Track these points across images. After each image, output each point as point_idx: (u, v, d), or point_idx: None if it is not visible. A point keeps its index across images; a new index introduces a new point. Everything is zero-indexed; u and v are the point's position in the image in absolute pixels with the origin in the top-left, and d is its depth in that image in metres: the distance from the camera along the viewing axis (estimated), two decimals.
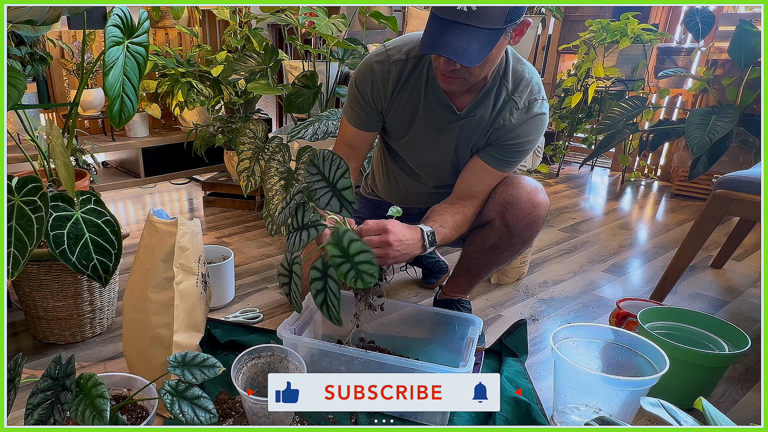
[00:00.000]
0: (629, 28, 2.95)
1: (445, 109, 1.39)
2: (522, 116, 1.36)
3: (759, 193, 1.52)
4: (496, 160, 1.40)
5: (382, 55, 1.40)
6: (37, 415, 0.98)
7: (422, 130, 1.44)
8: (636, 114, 2.85)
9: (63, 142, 1.32)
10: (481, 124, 1.39)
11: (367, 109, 1.44)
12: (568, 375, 1.18)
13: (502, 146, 1.39)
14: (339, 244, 1.00)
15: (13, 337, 1.58)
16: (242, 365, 1.22)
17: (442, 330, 1.39)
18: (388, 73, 1.39)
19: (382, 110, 1.44)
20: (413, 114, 1.42)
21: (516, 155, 1.40)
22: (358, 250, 0.99)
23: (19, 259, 1.17)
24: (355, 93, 1.44)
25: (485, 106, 1.37)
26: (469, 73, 1.24)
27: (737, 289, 1.94)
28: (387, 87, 1.40)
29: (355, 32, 2.74)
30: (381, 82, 1.39)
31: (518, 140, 1.37)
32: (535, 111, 1.36)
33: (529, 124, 1.36)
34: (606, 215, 2.75)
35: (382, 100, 1.41)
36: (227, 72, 2.21)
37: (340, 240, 1.00)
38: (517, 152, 1.39)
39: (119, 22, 1.19)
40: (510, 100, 1.36)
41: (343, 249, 1.00)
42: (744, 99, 2.51)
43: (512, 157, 1.40)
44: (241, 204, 2.74)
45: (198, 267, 1.25)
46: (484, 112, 1.38)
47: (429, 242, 1.28)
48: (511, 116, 1.36)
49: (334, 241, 1.01)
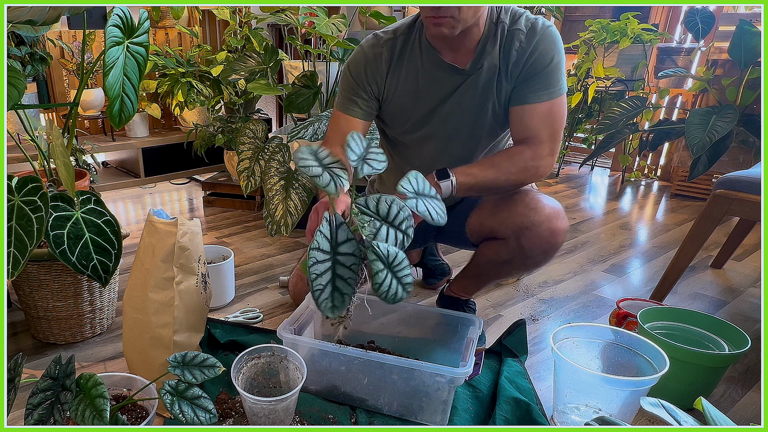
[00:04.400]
0: (629, 28, 2.95)
1: (446, 70, 1.35)
2: (530, 37, 1.29)
3: (759, 193, 1.52)
4: (529, 95, 1.31)
5: (371, 40, 1.40)
6: (37, 415, 0.98)
7: (430, 101, 1.38)
8: (636, 114, 2.86)
9: (63, 142, 1.32)
10: (493, 71, 1.32)
11: (362, 95, 1.40)
12: (568, 375, 1.18)
13: (528, 77, 1.30)
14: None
15: (13, 337, 1.58)
16: (242, 365, 1.22)
17: (443, 330, 1.39)
18: (380, 54, 1.38)
19: (378, 95, 1.41)
20: (416, 88, 1.38)
21: (542, 79, 1.29)
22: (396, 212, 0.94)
23: (19, 259, 1.17)
24: (349, 80, 1.41)
25: (490, 53, 1.32)
26: (457, 10, 1.20)
27: (737, 289, 1.94)
28: (381, 67, 1.38)
29: (355, 32, 2.74)
30: (374, 63, 1.38)
31: (539, 61, 1.29)
32: (540, 28, 1.29)
33: (541, 40, 1.28)
34: (606, 215, 2.75)
35: (378, 82, 1.39)
36: (227, 72, 2.21)
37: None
38: (542, 75, 1.29)
39: (119, 22, 1.19)
40: (512, 32, 1.30)
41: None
42: (744, 99, 2.51)
43: (538, 83, 1.30)
44: (241, 204, 2.74)
45: (198, 267, 1.25)
46: (492, 58, 1.32)
47: (441, 178, 1.26)
48: (520, 43, 1.29)
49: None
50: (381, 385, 1.23)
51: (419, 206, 0.97)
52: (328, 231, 0.92)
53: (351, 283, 0.92)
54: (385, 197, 0.98)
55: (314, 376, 1.27)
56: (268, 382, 1.25)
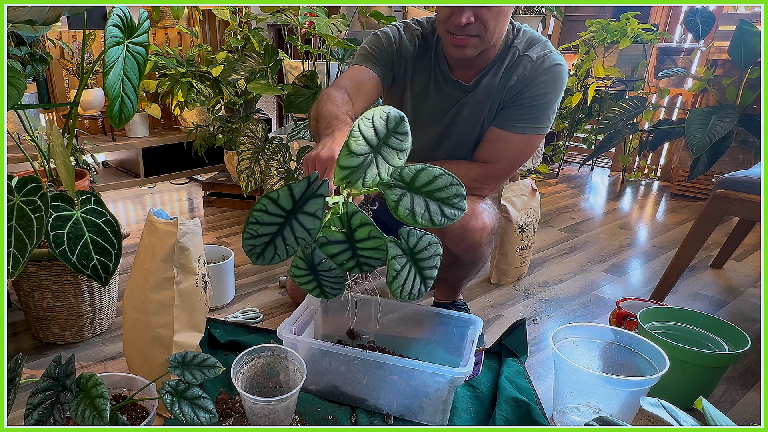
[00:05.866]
0: (629, 28, 2.95)
1: (453, 86, 1.37)
2: (537, 68, 1.29)
3: (759, 193, 1.52)
4: (509, 122, 1.32)
5: (402, 25, 1.41)
6: (37, 415, 0.98)
7: (431, 110, 1.40)
8: (636, 114, 2.86)
9: (63, 142, 1.32)
10: (490, 91, 1.34)
11: (387, 61, 1.38)
12: (568, 375, 1.18)
13: (515, 106, 1.31)
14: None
15: (13, 337, 1.58)
16: (242, 365, 1.22)
17: (442, 330, 1.39)
18: (412, 40, 1.39)
19: (395, 73, 1.39)
20: (422, 92, 1.39)
21: (529, 111, 1.30)
22: None
23: (19, 259, 1.17)
24: (380, 44, 1.38)
25: (494, 74, 1.33)
26: (484, 28, 1.20)
27: (737, 289, 1.94)
28: (409, 51, 1.39)
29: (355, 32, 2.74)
30: (408, 46, 1.38)
31: (533, 94, 1.29)
32: (549, 62, 1.29)
33: (546, 75, 1.28)
34: (606, 215, 2.75)
35: (402, 62, 1.38)
36: (227, 72, 2.21)
37: None
38: (531, 108, 1.30)
39: (119, 22, 1.19)
40: (523, 57, 1.30)
41: None
42: (744, 99, 2.51)
43: (525, 115, 1.31)
44: (241, 204, 2.74)
45: (198, 267, 1.25)
46: (493, 79, 1.33)
47: None
48: (524, 70, 1.30)
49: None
50: (381, 385, 1.23)
51: None
52: (298, 191, 0.79)
53: (289, 251, 0.83)
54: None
55: (314, 376, 1.27)
56: (268, 382, 1.25)
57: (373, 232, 0.83)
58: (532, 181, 1.96)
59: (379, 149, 0.82)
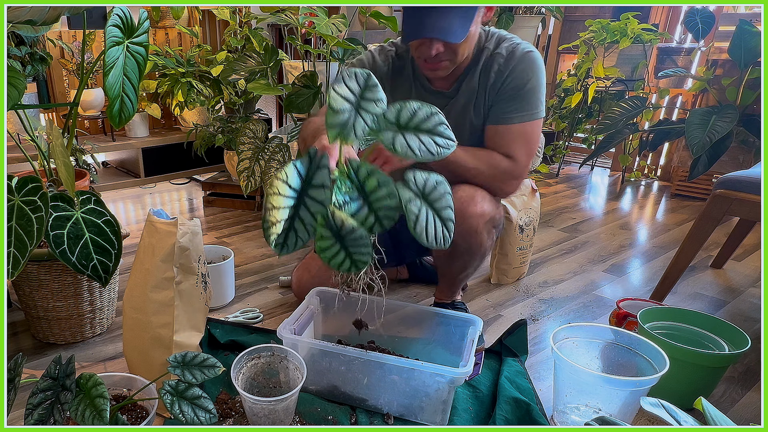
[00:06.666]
0: (629, 28, 2.95)
1: (435, 95, 1.43)
2: (509, 60, 1.37)
3: (759, 193, 1.52)
4: (502, 116, 1.38)
5: (377, 48, 1.50)
6: (37, 415, 0.98)
7: None
8: (636, 114, 2.86)
9: (63, 142, 1.32)
10: (471, 93, 1.41)
11: None
12: (568, 375, 1.18)
13: (501, 100, 1.38)
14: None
15: (13, 337, 1.58)
16: (242, 365, 1.22)
17: (442, 330, 1.39)
18: (386, 62, 1.48)
19: None
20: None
21: (517, 101, 1.36)
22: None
23: (19, 259, 1.17)
24: (353, 68, 1.46)
25: (471, 77, 1.40)
26: (453, 53, 1.27)
27: (737, 289, 1.94)
28: (384, 68, 1.48)
29: (355, 32, 2.74)
30: (381, 68, 1.47)
31: (513, 84, 1.36)
32: (519, 52, 1.36)
33: (518, 63, 1.36)
34: (606, 215, 2.75)
35: (379, 76, 1.44)
36: (227, 72, 2.21)
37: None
38: (517, 98, 1.36)
39: (119, 22, 1.19)
40: (494, 55, 1.38)
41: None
42: (744, 99, 2.51)
43: (514, 105, 1.37)
44: (241, 204, 2.74)
45: (198, 267, 1.25)
46: (471, 81, 1.40)
47: None
48: (499, 66, 1.37)
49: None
50: (381, 385, 1.23)
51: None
52: (303, 168, 0.88)
53: (309, 230, 0.89)
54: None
55: (314, 376, 1.27)
56: (268, 382, 1.25)
57: (381, 179, 0.89)
58: (532, 181, 1.97)
59: (359, 105, 0.91)
